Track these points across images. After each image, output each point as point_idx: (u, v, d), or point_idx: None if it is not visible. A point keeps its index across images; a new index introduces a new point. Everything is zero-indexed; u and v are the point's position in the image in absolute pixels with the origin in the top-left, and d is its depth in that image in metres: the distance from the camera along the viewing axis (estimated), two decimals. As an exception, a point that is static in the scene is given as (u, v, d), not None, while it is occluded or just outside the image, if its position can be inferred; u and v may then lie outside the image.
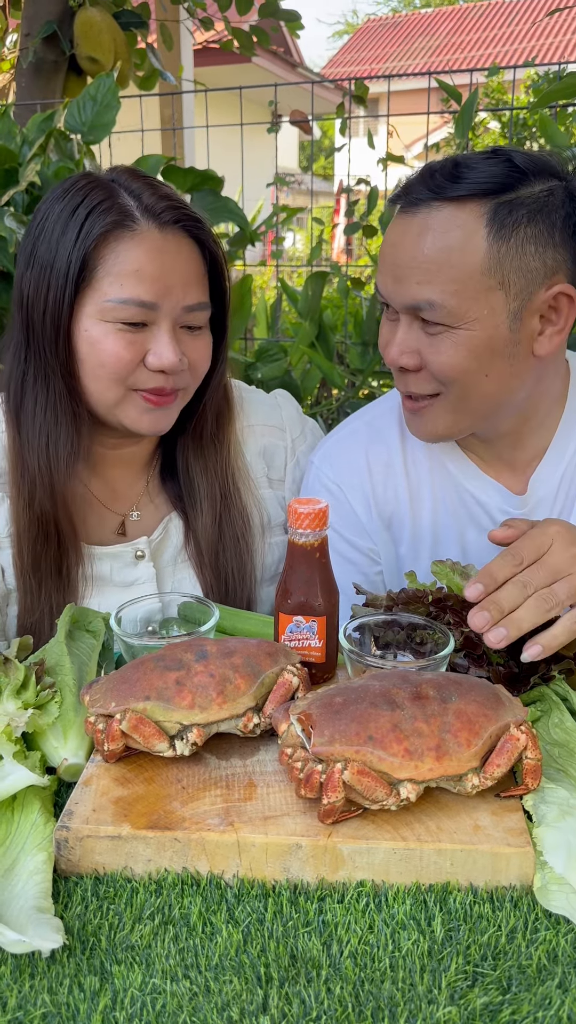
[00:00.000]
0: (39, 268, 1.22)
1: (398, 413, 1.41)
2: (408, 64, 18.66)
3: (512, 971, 0.70)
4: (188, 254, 1.25)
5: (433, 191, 1.15)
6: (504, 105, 7.96)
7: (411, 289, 1.16)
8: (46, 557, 1.29)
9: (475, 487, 1.36)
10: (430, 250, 1.14)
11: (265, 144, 3.78)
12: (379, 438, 1.41)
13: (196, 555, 1.40)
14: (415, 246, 1.15)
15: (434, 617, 1.06)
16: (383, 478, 1.39)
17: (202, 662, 0.91)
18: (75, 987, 0.69)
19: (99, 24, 3.50)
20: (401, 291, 1.17)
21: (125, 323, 1.20)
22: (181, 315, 1.24)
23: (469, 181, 1.13)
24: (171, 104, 4.52)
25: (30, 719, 0.90)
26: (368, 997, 0.68)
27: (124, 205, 1.21)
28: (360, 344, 3.16)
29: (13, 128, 2.38)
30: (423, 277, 1.14)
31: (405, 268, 1.16)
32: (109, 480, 1.39)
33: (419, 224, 1.15)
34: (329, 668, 1.05)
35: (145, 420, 1.27)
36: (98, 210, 1.20)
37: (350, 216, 3.50)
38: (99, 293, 1.20)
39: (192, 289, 1.24)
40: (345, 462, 1.41)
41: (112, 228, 1.20)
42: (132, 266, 1.19)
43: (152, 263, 1.20)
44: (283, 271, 5.25)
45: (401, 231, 1.18)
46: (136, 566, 1.38)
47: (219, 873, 0.80)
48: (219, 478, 1.40)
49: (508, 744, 0.83)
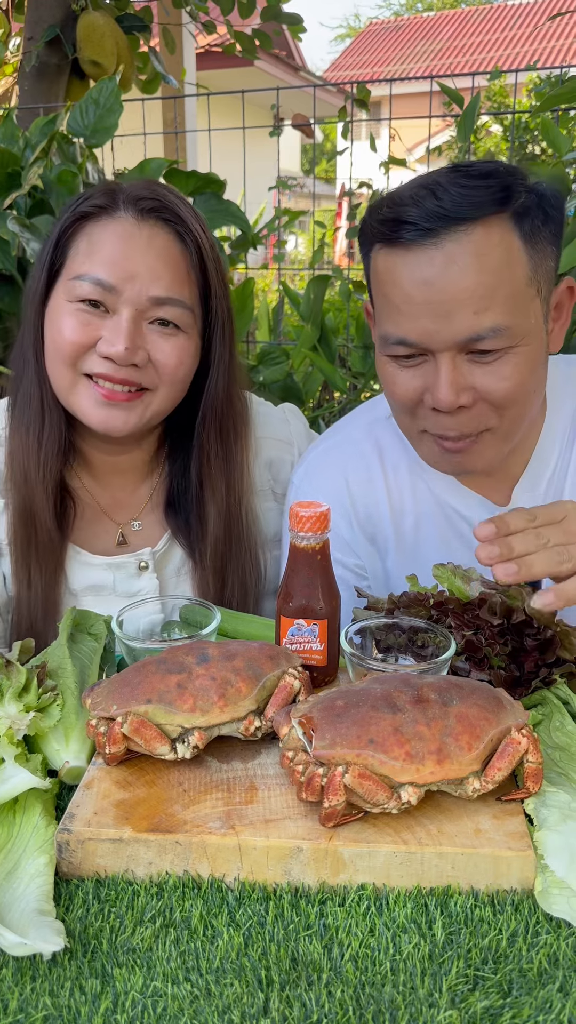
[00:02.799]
0: (38, 261, 1.27)
1: (375, 429, 1.37)
2: (410, 68, 18.68)
3: (513, 975, 0.70)
4: (163, 246, 1.23)
5: (450, 216, 1.07)
6: (506, 109, 7.97)
7: (467, 321, 1.08)
8: (32, 550, 1.30)
9: (456, 501, 1.33)
10: (480, 274, 1.07)
11: (267, 147, 3.79)
12: (357, 455, 1.37)
13: (199, 573, 1.37)
14: (461, 275, 1.06)
15: (435, 620, 1.06)
16: (363, 495, 1.36)
17: (204, 665, 0.91)
18: (76, 990, 0.69)
19: (102, 28, 3.51)
20: (452, 327, 1.08)
21: (83, 300, 1.20)
22: (148, 307, 1.21)
23: (479, 198, 1.07)
24: (173, 107, 4.53)
25: (32, 722, 0.90)
26: (369, 1000, 0.68)
27: (111, 193, 1.24)
28: (362, 347, 3.17)
29: (16, 131, 2.38)
30: (480, 305, 1.07)
31: (454, 302, 1.07)
32: (110, 488, 1.39)
33: (450, 253, 1.07)
34: (331, 671, 1.05)
35: (97, 414, 1.23)
36: (86, 197, 1.24)
37: (352, 219, 3.51)
38: (69, 271, 1.22)
39: (162, 281, 1.21)
40: (325, 480, 1.37)
41: (92, 211, 1.22)
42: (99, 246, 1.21)
43: (119, 246, 1.20)
44: (285, 274, 5.25)
45: (427, 265, 1.08)
46: (139, 577, 1.37)
47: (220, 876, 0.80)
48: (228, 498, 1.36)
49: (509, 748, 0.83)
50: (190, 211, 1.27)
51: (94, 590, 1.35)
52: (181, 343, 1.25)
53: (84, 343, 1.20)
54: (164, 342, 1.23)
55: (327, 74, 19.63)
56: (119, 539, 1.39)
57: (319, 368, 2.93)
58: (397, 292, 1.11)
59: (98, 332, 1.20)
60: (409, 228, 1.08)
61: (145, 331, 1.22)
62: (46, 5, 3.54)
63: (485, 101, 8.46)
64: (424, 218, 1.07)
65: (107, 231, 1.21)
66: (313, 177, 4.39)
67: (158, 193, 1.25)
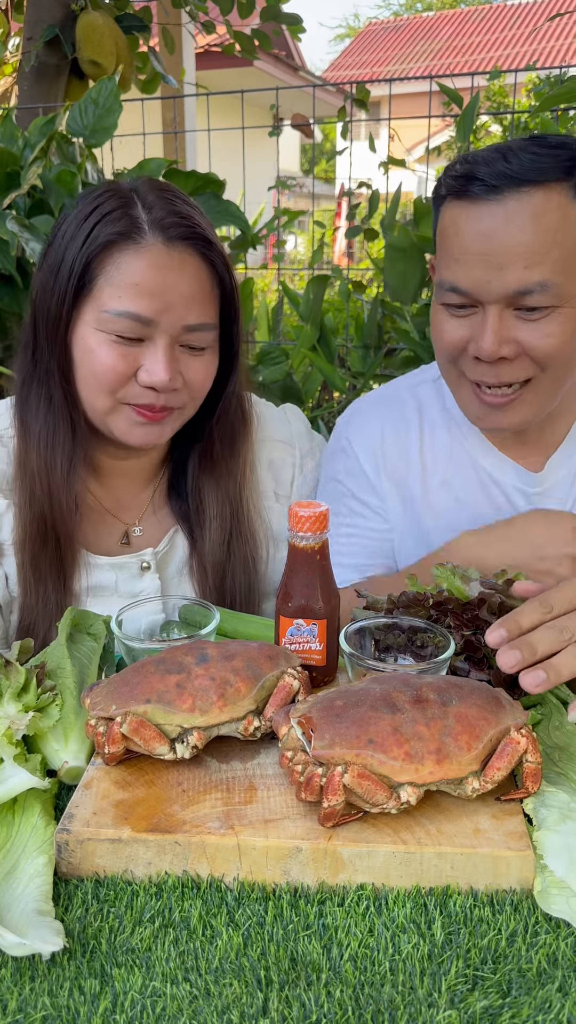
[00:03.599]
0: (47, 270, 1.23)
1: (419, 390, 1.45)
2: (410, 67, 18.68)
3: (512, 975, 0.70)
4: (194, 272, 1.22)
5: (516, 177, 1.14)
6: (506, 109, 7.97)
7: (518, 274, 1.14)
8: (44, 556, 1.29)
9: (491, 464, 1.38)
10: (536, 232, 1.13)
11: (267, 147, 3.79)
12: (398, 409, 1.45)
13: (200, 573, 1.39)
14: (519, 231, 1.14)
15: (435, 620, 1.06)
16: (395, 447, 1.43)
17: (203, 665, 0.91)
18: (75, 990, 0.69)
19: (101, 28, 3.51)
20: (504, 278, 1.15)
21: (120, 336, 1.19)
22: (181, 334, 1.22)
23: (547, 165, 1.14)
24: (173, 107, 4.53)
25: (31, 722, 0.90)
26: (368, 1000, 0.68)
27: (134, 216, 1.20)
28: (361, 347, 3.17)
29: (15, 131, 2.38)
30: (531, 260, 1.14)
31: (508, 255, 1.14)
32: (114, 490, 1.39)
33: (511, 210, 1.14)
34: (330, 671, 1.05)
35: (136, 433, 1.26)
36: (108, 219, 1.19)
37: (351, 219, 3.51)
38: (99, 302, 1.19)
39: (195, 308, 1.22)
40: (361, 426, 1.47)
41: (117, 239, 1.18)
42: (132, 279, 1.18)
43: (153, 278, 1.18)
44: (284, 274, 5.25)
45: (488, 219, 1.16)
46: (141, 577, 1.37)
47: (219, 876, 0.80)
48: (230, 498, 1.38)
49: (508, 747, 0.83)
50: (206, 221, 1.27)
51: (95, 591, 1.35)
52: (208, 360, 1.27)
53: (126, 373, 1.21)
54: (195, 361, 1.25)
55: (326, 74, 19.63)
56: (123, 539, 1.39)
57: (318, 368, 2.94)
58: (457, 242, 1.18)
59: (137, 361, 1.21)
60: (477, 184, 1.16)
61: (178, 354, 1.23)
62: (45, 5, 3.54)
63: (484, 101, 8.46)
64: (492, 176, 1.15)
65: (138, 260, 1.18)
66: (312, 177, 4.39)
67: (182, 214, 1.23)
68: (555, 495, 1.36)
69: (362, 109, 3.69)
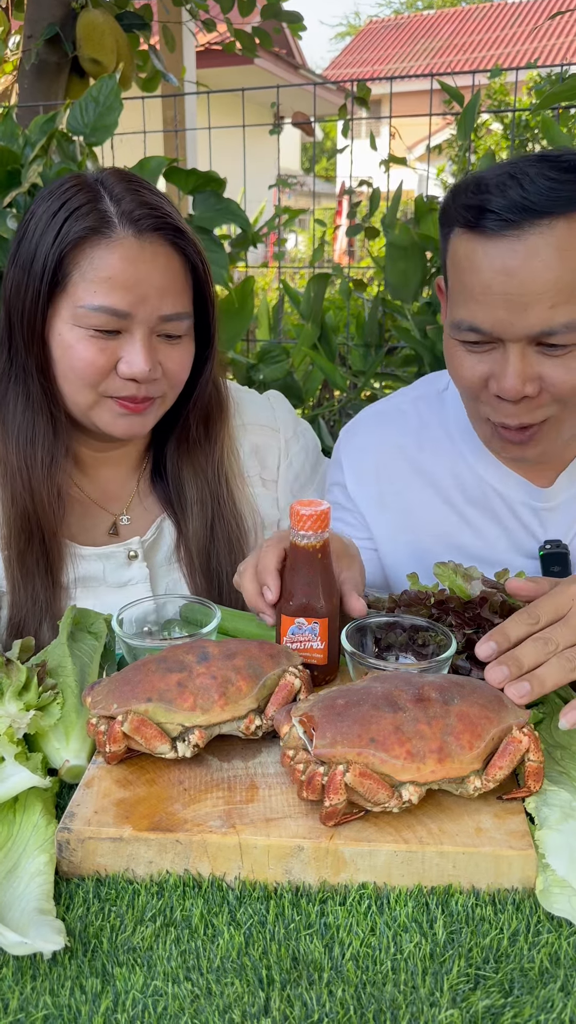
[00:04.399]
0: (19, 267, 1.23)
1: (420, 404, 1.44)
2: (410, 66, 18.67)
3: (514, 974, 0.70)
4: (166, 263, 1.23)
5: (535, 209, 1.07)
6: (507, 107, 7.96)
7: (542, 315, 1.09)
8: (30, 552, 1.30)
9: (497, 480, 1.37)
10: (562, 269, 1.07)
11: (267, 146, 3.78)
12: (399, 426, 1.44)
13: (187, 559, 1.40)
14: (544, 268, 1.07)
15: (436, 619, 1.06)
16: (391, 463, 1.42)
17: (204, 664, 0.91)
18: (77, 989, 0.69)
19: (101, 26, 3.51)
20: (527, 319, 1.10)
21: (98, 330, 1.20)
22: (157, 324, 1.23)
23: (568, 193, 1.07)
24: (173, 106, 4.52)
25: (32, 720, 0.90)
26: (370, 1000, 0.68)
27: (103, 211, 1.20)
28: (362, 345, 3.17)
29: (15, 130, 2.38)
30: (557, 299, 1.08)
31: (532, 294, 1.08)
32: (100, 481, 1.41)
33: (532, 246, 1.08)
34: (331, 670, 1.05)
35: (120, 424, 1.27)
36: (77, 214, 1.20)
37: (352, 218, 3.51)
38: (73, 298, 1.20)
39: (169, 298, 1.23)
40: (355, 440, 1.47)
41: (88, 234, 1.19)
42: (106, 273, 1.19)
43: (126, 271, 1.19)
44: (285, 273, 5.25)
45: (509, 256, 1.09)
46: (129, 566, 1.38)
47: (221, 875, 0.80)
48: (210, 482, 1.40)
49: (510, 746, 0.82)
50: (174, 210, 1.27)
51: (84, 582, 1.36)
52: (185, 348, 1.29)
53: (105, 367, 1.22)
54: (172, 350, 1.27)
55: (327, 72, 19.62)
56: (111, 529, 1.41)
57: (319, 367, 2.93)
58: (475, 280, 1.12)
59: (116, 354, 1.22)
60: (492, 217, 1.09)
61: (155, 344, 1.25)
62: (46, 3, 3.53)
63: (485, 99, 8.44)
64: (508, 209, 1.08)
65: (111, 255, 1.19)
66: (313, 175, 4.39)
67: (151, 204, 1.23)
68: (564, 512, 1.34)
69: (363, 107, 3.69)
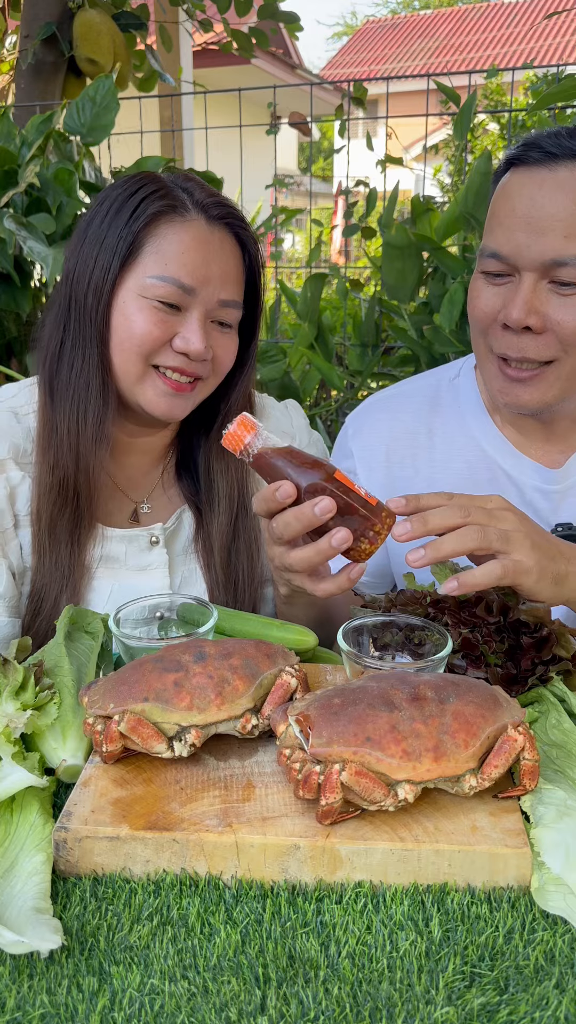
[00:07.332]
0: (90, 244, 1.29)
1: (429, 391, 1.46)
2: (407, 66, 18.68)
3: (509, 971, 0.70)
4: (230, 251, 1.31)
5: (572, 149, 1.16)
6: (503, 107, 7.97)
7: (556, 243, 1.15)
8: (61, 522, 1.33)
9: (509, 465, 1.38)
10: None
11: (264, 145, 3.79)
12: (410, 410, 1.45)
13: (206, 554, 1.44)
14: (565, 198, 1.15)
15: (432, 618, 1.06)
16: (402, 448, 1.44)
17: (200, 663, 0.91)
18: (73, 988, 0.69)
19: (98, 26, 3.51)
20: (541, 244, 1.16)
21: (161, 301, 1.25)
22: (215, 308, 1.29)
23: None
24: (170, 106, 4.52)
25: (29, 720, 0.90)
26: (366, 998, 0.68)
27: (177, 195, 1.28)
28: (359, 345, 3.17)
29: (12, 129, 2.38)
30: (572, 231, 1.14)
31: (551, 219, 1.15)
32: (126, 467, 1.44)
33: (562, 179, 1.16)
34: (379, 511, 0.98)
35: (162, 403, 1.30)
36: (153, 196, 1.27)
37: (349, 218, 3.51)
38: (142, 269, 1.26)
39: (229, 285, 1.30)
40: (366, 426, 1.48)
41: (164, 211, 1.26)
42: (178, 248, 1.25)
43: (197, 250, 1.26)
44: (282, 272, 5.25)
45: (538, 185, 1.17)
46: (151, 551, 1.41)
47: (217, 874, 0.80)
48: (238, 480, 1.44)
49: (506, 745, 0.83)
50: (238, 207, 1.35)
51: (106, 561, 1.39)
52: (233, 338, 1.35)
53: (162, 339, 1.27)
54: (223, 338, 1.33)
55: (324, 72, 19.63)
56: (131, 516, 1.44)
57: (316, 366, 2.94)
58: (505, 205, 1.21)
59: (174, 329, 1.27)
60: (536, 150, 1.19)
61: (209, 328, 1.30)
62: (43, 2, 3.53)
63: (482, 99, 8.46)
64: (551, 144, 1.18)
65: (184, 233, 1.26)
66: (310, 175, 4.39)
67: (219, 197, 1.32)
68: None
69: (360, 107, 3.69)
